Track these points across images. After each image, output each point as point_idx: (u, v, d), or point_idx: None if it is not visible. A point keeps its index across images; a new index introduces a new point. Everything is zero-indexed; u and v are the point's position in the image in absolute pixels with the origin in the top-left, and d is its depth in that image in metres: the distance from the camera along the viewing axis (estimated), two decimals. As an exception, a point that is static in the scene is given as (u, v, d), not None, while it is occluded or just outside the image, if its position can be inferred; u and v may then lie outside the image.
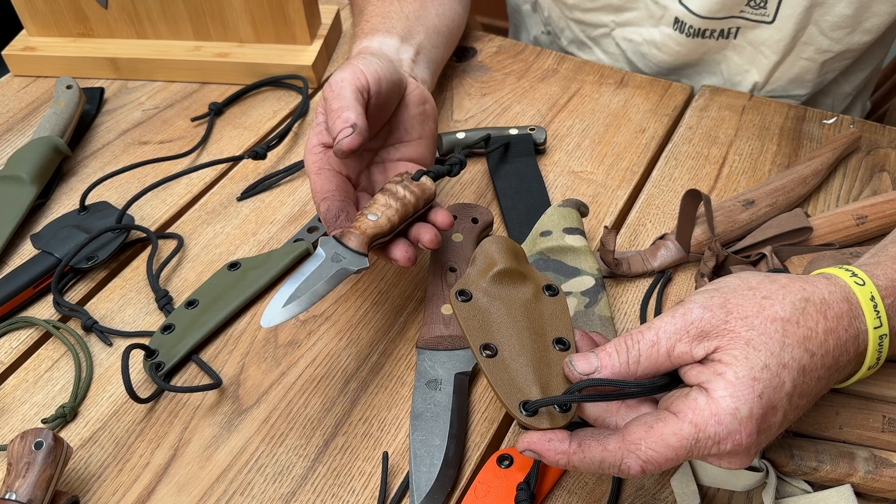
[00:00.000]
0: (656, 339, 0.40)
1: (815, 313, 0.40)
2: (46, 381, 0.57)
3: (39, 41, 0.86)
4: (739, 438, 0.38)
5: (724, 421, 0.37)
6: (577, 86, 0.81)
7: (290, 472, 0.51)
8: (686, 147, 0.74)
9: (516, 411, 0.42)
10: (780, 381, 0.38)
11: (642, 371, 0.40)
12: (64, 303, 0.61)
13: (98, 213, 0.68)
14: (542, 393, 0.42)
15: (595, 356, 0.41)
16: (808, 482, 0.48)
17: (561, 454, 0.40)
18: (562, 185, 0.70)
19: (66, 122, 0.75)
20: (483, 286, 0.47)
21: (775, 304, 0.40)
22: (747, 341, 0.39)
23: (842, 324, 0.41)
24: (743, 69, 0.82)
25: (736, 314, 0.40)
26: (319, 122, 0.58)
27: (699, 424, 0.38)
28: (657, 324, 0.41)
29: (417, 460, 0.50)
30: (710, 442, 0.38)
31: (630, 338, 0.41)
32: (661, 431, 0.38)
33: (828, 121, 0.76)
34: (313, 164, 0.56)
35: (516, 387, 0.43)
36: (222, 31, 0.83)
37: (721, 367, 0.39)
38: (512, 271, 0.47)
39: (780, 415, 0.39)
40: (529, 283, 0.48)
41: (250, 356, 0.58)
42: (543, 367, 0.43)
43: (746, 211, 0.62)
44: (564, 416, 0.42)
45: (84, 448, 0.53)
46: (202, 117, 0.79)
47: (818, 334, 0.40)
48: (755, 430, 0.38)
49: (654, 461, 0.38)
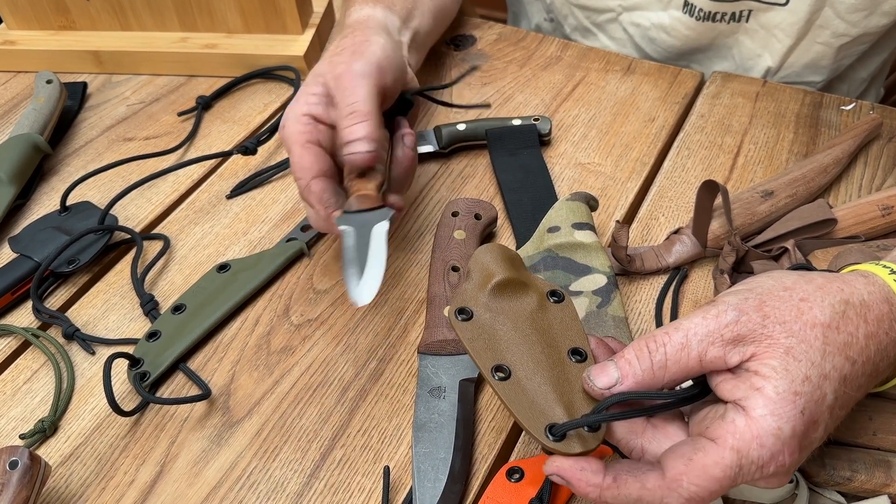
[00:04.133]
0: (686, 342, 0.36)
1: (856, 317, 0.37)
2: (25, 393, 0.54)
3: (19, 34, 0.83)
4: (783, 460, 0.35)
5: (766, 443, 0.34)
6: (581, 73, 0.78)
7: (285, 489, 0.48)
8: (698, 136, 0.70)
9: (543, 437, 0.38)
10: (822, 393, 0.35)
11: (670, 378, 0.37)
12: (44, 309, 0.58)
13: (80, 214, 0.64)
14: (566, 412, 0.38)
15: (614, 366, 0.38)
16: (840, 493, 0.45)
17: (593, 487, 0.37)
18: (568, 177, 0.67)
19: (46, 118, 0.71)
20: (483, 301, 0.43)
21: (814, 307, 0.37)
22: (787, 350, 0.35)
23: (882, 327, 0.38)
24: (756, 54, 0.78)
25: (773, 318, 0.36)
26: (314, 91, 0.53)
27: (741, 450, 0.34)
28: (686, 325, 0.37)
29: (421, 475, 0.47)
30: (754, 467, 0.35)
31: (653, 340, 0.37)
32: (702, 463, 0.35)
33: (846, 107, 0.72)
34: (299, 134, 0.51)
35: (538, 410, 0.39)
36: (210, 21, 0.80)
37: (759, 380, 0.35)
38: (512, 281, 0.43)
39: (821, 430, 0.36)
40: (532, 292, 0.44)
41: (241, 364, 0.55)
42: (563, 384, 0.40)
43: (765, 202, 0.59)
44: (596, 437, 0.38)
45: (64, 465, 0.50)
46: (189, 111, 0.76)
47: (859, 340, 0.37)
48: (798, 448, 0.35)
49: (698, 497, 0.35)
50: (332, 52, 0.55)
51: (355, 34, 0.56)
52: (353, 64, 0.52)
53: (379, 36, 0.56)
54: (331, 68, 0.53)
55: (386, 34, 0.57)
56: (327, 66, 0.54)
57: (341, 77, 0.52)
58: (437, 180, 0.68)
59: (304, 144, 0.51)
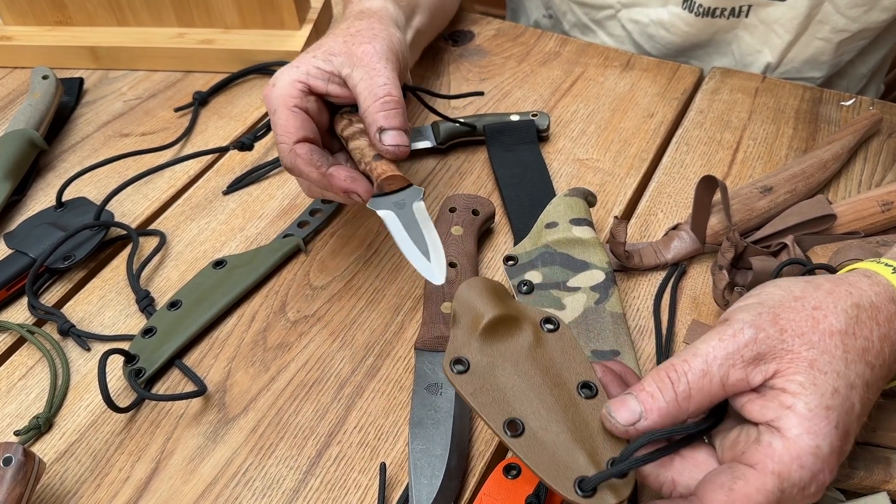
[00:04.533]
0: (707, 368, 0.35)
1: (868, 320, 0.37)
2: (20, 389, 0.54)
3: (15, 30, 0.82)
4: (823, 478, 0.34)
5: (807, 463, 0.33)
6: (580, 69, 0.77)
7: (281, 486, 0.48)
8: (697, 132, 0.70)
9: (573, 495, 0.35)
10: (851, 403, 0.35)
11: (695, 407, 0.35)
12: (39, 305, 0.58)
13: (76, 210, 0.64)
14: (590, 459, 0.36)
15: (635, 400, 0.36)
16: (840, 490, 0.45)
17: None
18: (567, 173, 0.67)
19: (42, 114, 0.71)
20: (477, 346, 0.40)
21: (829, 315, 0.36)
22: (811, 363, 0.35)
23: (893, 327, 0.37)
24: (755, 49, 0.78)
25: (791, 331, 0.36)
26: (318, 65, 0.51)
27: (782, 473, 0.33)
28: (704, 349, 0.36)
29: (417, 471, 0.46)
30: (796, 490, 0.34)
31: (673, 370, 0.36)
32: (744, 492, 0.33)
33: (846, 102, 0.72)
34: (288, 97, 0.50)
35: (562, 463, 0.36)
36: (207, 16, 0.79)
37: (788, 398, 0.34)
38: (502, 318, 0.41)
39: (852, 440, 0.35)
40: (526, 325, 0.41)
41: (237, 360, 0.54)
42: (581, 427, 0.37)
43: (764, 198, 0.59)
44: (627, 484, 0.36)
45: (59, 462, 0.50)
46: (186, 107, 0.75)
47: (874, 344, 0.36)
48: (837, 461, 0.34)
49: None
50: (346, 32, 0.54)
51: (371, 20, 0.55)
52: (377, 45, 0.51)
53: (394, 28, 0.56)
54: (347, 48, 0.52)
55: (396, 27, 0.57)
56: (342, 46, 0.52)
57: (365, 56, 0.51)
58: (435, 176, 0.67)
59: (292, 108, 0.50)
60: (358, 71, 0.51)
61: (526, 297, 0.54)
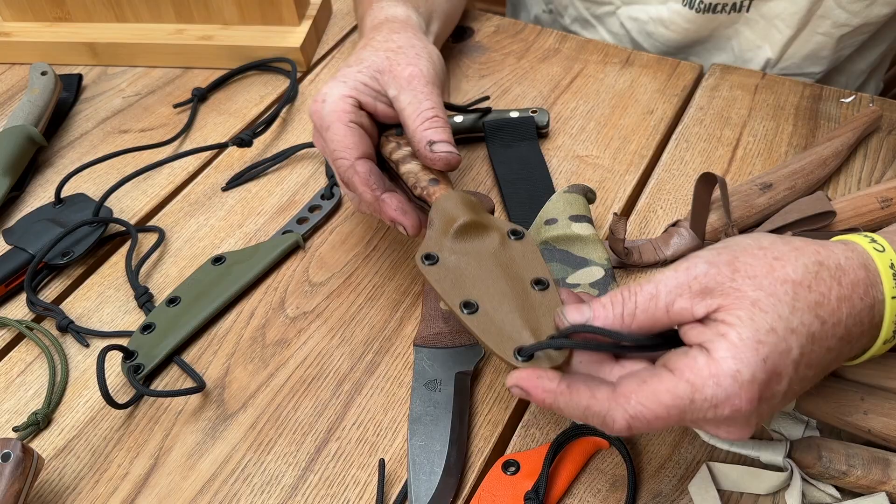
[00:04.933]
0: (655, 293, 0.37)
1: (829, 279, 0.37)
2: (18, 385, 0.54)
3: (14, 26, 0.82)
4: (738, 403, 0.35)
5: (723, 383, 0.34)
6: (580, 66, 0.77)
7: (280, 482, 0.48)
8: (697, 129, 0.70)
9: (512, 359, 0.39)
10: (787, 346, 0.35)
11: (637, 325, 0.38)
12: (38, 301, 0.58)
13: (74, 206, 0.64)
14: (533, 336, 0.40)
15: (588, 307, 0.39)
16: (836, 487, 0.45)
17: (548, 392, 0.38)
18: (566, 170, 0.67)
19: (40, 110, 0.71)
20: (448, 245, 0.45)
21: (787, 265, 0.37)
22: (753, 302, 0.36)
23: (857, 292, 0.38)
24: (755, 45, 0.78)
25: (743, 273, 0.37)
26: (365, 81, 0.51)
27: (696, 384, 0.35)
28: (658, 277, 0.38)
29: (416, 467, 0.46)
30: (707, 404, 0.35)
31: (627, 290, 0.38)
32: (654, 388, 0.35)
33: (846, 99, 0.72)
34: (343, 113, 0.50)
35: (507, 336, 0.40)
36: (205, 12, 0.79)
37: (724, 327, 0.35)
38: (473, 223, 0.46)
39: (784, 383, 0.36)
40: (493, 232, 0.46)
41: (236, 357, 0.54)
42: (529, 311, 0.41)
43: (764, 195, 0.59)
44: (561, 356, 0.39)
45: (58, 458, 0.50)
46: (185, 104, 0.75)
47: (831, 301, 0.37)
48: (757, 396, 0.35)
49: (643, 417, 0.35)
50: (387, 48, 0.54)
51: (408, 33, 0.56)
52: (423, 67, 0.52)
53: (427, 43, 0.56)
54: (391, 67, 0.52)
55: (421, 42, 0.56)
56: (386, 63, 0.52)
57: (413, 80, 0.51)
58: (434, 173, 0.67)
59: (349, 124, 0.50)
60: (405, 94, 0.51)
61: None
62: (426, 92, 0.51)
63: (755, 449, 0.46)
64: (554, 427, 0.49)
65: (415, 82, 0.51)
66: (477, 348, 0.52)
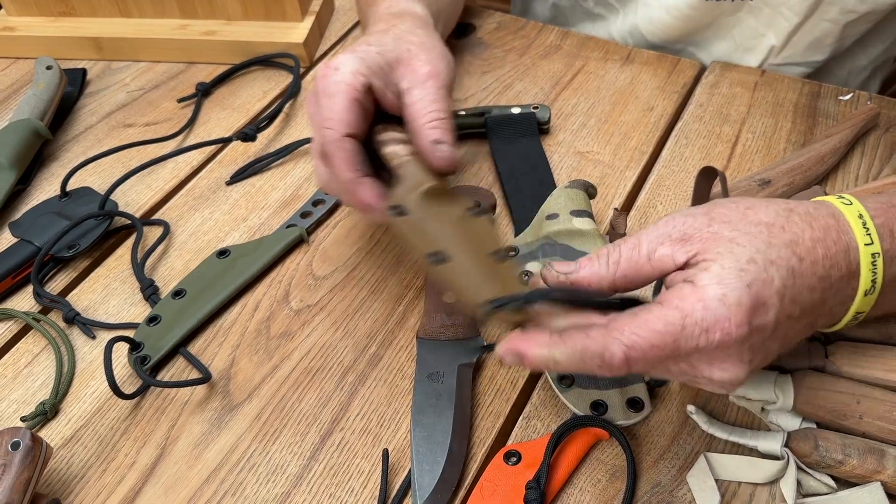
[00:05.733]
0: (637, 243, 0.40)
1: (801, 222, 0.39)
2: (26, 376, 0.54)
3: (19, 21, 0.83)
4: (728, 327, 0.36)
5: (710, 306, 0.36)
6: (581, 62, 0.78)
7: (285, 472, 0.48)
8: (697, 125, 0.70)
9: (478, 310, 0.42)
10: (769, 276, 0.37)
11: (621, 272, 0.40)
12: (44, 294, 0.58)
13: (80, 200, 0.65)
14: (496, 293, 0.42)
15: (575, 263, 0.41)
16: (832, 477, 0.46)
17: (542, 346, 0.39)
18: (567, 166, 0.67)
19: (46, 104, 0.71)
20: (414, 201, 0.47)
21: (759, 211, 0.40)
22: (730, 240, 0.38)
23: (830, 235, 0.40)
24: (759, 33, 0.77)
25: (719, 219, 0.39)
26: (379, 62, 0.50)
27: (685, 309, 0.36)
28: (641, 231, 0.41)
29: (419, 458, 0.47)
30: (698, 329, 0.36)
31: (612, 245, 0.41)
32: (645, 317, 0.37)
33: (844, 97, 0.72)
34: (350, 88, 0.48)
35: (472, 289, 0.43)
36: (209, 8, 0.80)
37: (705, 263, 0.38)
38: (440, 189, 0.48)
39: (771, 314, 0.37)
40: (457, 204, 0.49)
41: (241, 349, 0.55)
42: (492, 274, 0.44)
43: (763, 191, 0.59)
44: (522, 312, 0.41)
45: (66, 447, 0.50)
46: (189, 98, 0.76)
47: (805, 241, 0.39)
48: (745, 320, 0.36)
49: (639, 346, 0.37)
50: (407, 39, 0.53)
51: (428, 30, 0.56)
52: (439, 66, 0.52)
53: (445, 46, 0.56)
54: (410, 59, 0.52)
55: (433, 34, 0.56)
56: (406, 54, 0.52)
57: (429, 79, 0.51)
58: (437, 168, 0.68)
59: (352, 100, 0.48)
60: (418, 91, 0.50)
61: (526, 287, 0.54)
62: (440, 94, 0.51)
63: (753, 438, 0.46)
64: (555, 419, 0.50)
65: (430, 82, 0.51)
66: (478, 340, 0.53)
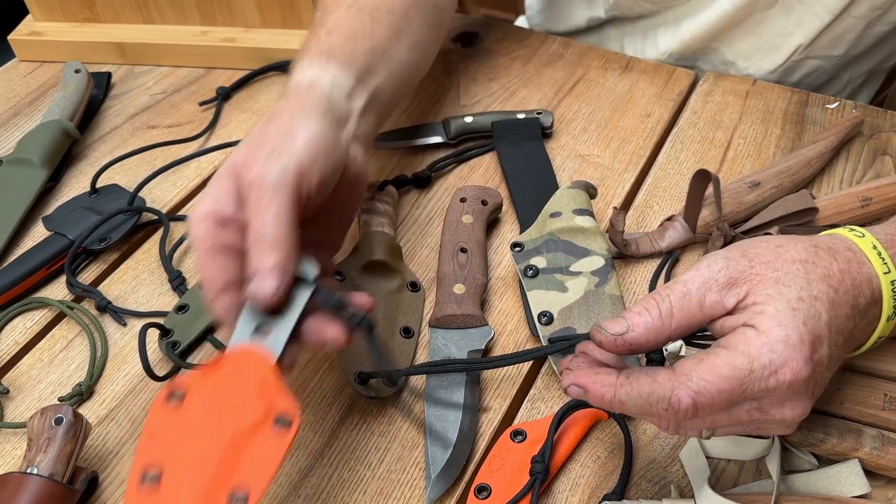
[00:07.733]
0: (686, 290, 0.40)
1: (827, 256, 0.41)
2: (62, 360, 0.58)
3: (45, 26, 0.86)
4: (797, 366, 0.37)
5: (777, 349, 0.37)
6: (582, 70, 0.82)
7: (307, 447, 0.52)
8: (691, 131, 0.74)
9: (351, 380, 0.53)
10: (817, 311, 0.38)
11: (676, 324, 0.40)
12: (77, 283, 0.62)
13: (109, 196, 0.68)
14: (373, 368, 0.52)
15: (624, 319, 0.40)
16: (814, 455, 0.49)
17: (608, 387, 0.40)
18: (569, 168, 0.71)
19: (75, 105, 0.75)
20: (356, 270, 0.58)
21: (790, 249, 0.41)
22: (776, 280, 0.39)
23: (853, 266, 0.42)
24: (787, 31, 0.78)
25: (758, 260, 0.40)
26: (223, 187, 0.44)
27: (751, 354, 0.37)
28: (683, 278, 0.40)
29: (433, 435, 0.51)
30: (766, 371, 0.37)
31: (658, 294, 0.40)
32: (712, 362, 0.37)
33: (830, 105, 0.76)
34: (200, 240, 0.43)
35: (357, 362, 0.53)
36: (229, 16, 0.83)
37: (758, 306, 0.38)
38: (383, 264, 0.58)
39: (825, 347, 0.39)
40: (396, 278, 0.58)
41: (264, 335, 0.58)
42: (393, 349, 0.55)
43: (752, 192, 0.63)
44: (390, 390, 0.52)
45: (101, 425, 0.54)
46: (210, 102, 0.79)
47: (834, 273, 0.41)
48: (809, 357, 0.37)
49: (706, 392, 0.37)
50: (254, 140, 0.46)
51: (281, 118, 0.47)
52: (269, 169, 0.43)
53: (311, 120, 0.47)
54: (245, 167, 0.44)
55: (324, 114, 0.48)
56: (241, 159, 0.45)
57: (254, 185, 0.43)
58: (447, 169, 0.72)
59: (206, 251, 0.43)
60: (249, 203, 0.43)
61: (531, 280, 0.58)
62: (261, 203, 0.43)
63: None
64: (557, 401, 0.54)
65: (254, 188, 0.43)
66: (486, 329, 0.57)
